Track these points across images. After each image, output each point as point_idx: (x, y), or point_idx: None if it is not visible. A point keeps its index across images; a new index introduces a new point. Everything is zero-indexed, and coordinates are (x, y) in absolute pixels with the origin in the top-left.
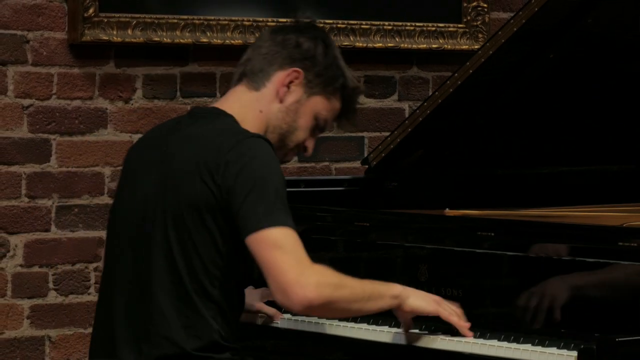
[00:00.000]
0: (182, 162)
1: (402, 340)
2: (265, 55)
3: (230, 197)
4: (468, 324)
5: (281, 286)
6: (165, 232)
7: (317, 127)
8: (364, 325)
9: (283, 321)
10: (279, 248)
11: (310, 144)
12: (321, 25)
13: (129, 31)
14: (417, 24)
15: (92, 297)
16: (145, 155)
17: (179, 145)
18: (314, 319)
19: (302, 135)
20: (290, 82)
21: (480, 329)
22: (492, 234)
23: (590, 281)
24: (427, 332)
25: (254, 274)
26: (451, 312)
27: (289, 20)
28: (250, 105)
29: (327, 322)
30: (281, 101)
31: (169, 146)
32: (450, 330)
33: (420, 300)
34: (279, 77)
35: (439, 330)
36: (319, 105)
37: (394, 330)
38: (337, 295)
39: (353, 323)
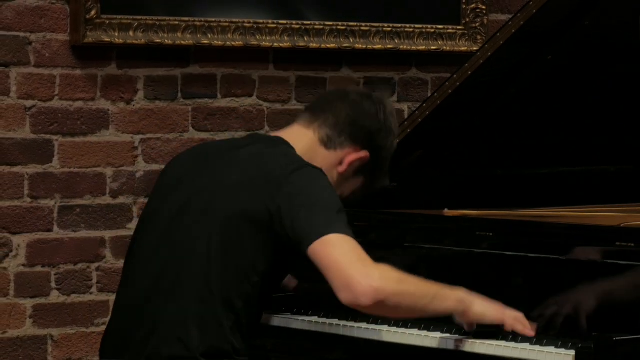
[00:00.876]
0: (241, 174)
1: (400, 339)
2: (351, 124)
3: (285, 215)
4: (533, 333)
5: (344, 281)
6: (208, 237)
7: (349, 197)
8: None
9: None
10: (339, 247)
11: None
12: (321, 27)
13: (131, 33)
14: (417, 25)
15: (94, 296)
16: (195, 163)
17: (237, 159)
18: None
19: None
20: (355, 162)
21: (479, 329)
22: (491, 234)
23: (588, 281)
24: (425, 330)
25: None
26: (515, 321)
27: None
28: (315, 155)
29: (327, 321)
30: (340, 173)
31: (226, 159)
32: (449, 329)
33: (485, 307)
34: (351, 152)
35: (438, 329)
36: (358, 184)
37: (393, 329)
38: (403, 288)
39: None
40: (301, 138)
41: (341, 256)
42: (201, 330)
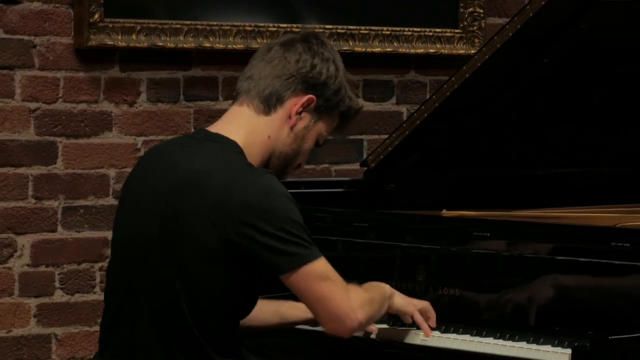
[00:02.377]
0: (190, 204)
1: (395, 337)
2: (278, 77)
3: (250, 241)
4: (428, 331)
5: (335, 317)
6: (170, 271)
7: (316, 145)
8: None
9: None
10: (328, 280)
11: (305, 161)
12: (321, 30)
13: (134, 36)
14: (415, 29)
15: (97, 295)
16: (146, 185)
17: (185, 183)
18: None
19: (304, 158)
20: (303, 109)
21: (477, 327)
22: (488, 235)
23: (584, 280)
24: (414, 328)
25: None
26: (420, 312)
27: (298, 29)
28: (259, 131)
29: None
30: (291, 128)
31: (174, 182)
32: (448, 328)
33: (402, 300)
34: (293, 102)
35: (436, 329)
36: (323, 127)
37: (392, 328)
38: (372, 311)
39: None
40: (240, 120)
41: (330, 290)
42: (186, 354)
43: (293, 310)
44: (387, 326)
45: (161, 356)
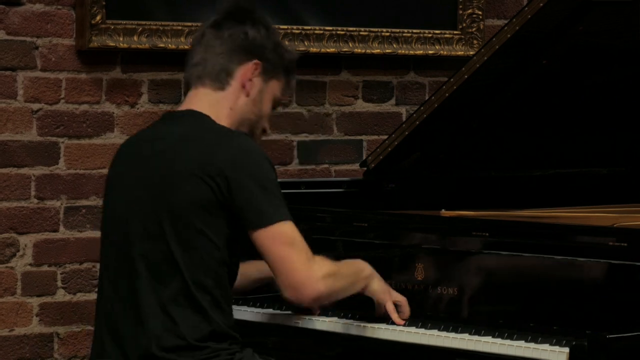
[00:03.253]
0: (175, 163)
1: (398, 337)
2: (220, 55)
3: (233, 192)
4: (401, 321)
5: (294, 283)
6: (162, 231)
7: (274, 108)
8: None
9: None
10: (292, 245)
11: (268, 125)
12: (321, 32)
13: (135, 38)
14: (414, 30)
15: None
16: (136, 161)
17: (167, 147)
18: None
19: (266, 121)
20: (252, 74)
21: (475, 326)
22: (487, 234)
23: (582, 280)
24: (422, 328)
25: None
26: (398, 306)
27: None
28: (220, 105)
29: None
30: (247, 95)
31: (157, 150)
32: (447, 327)
33: (379, 286)
34: (242, 72)
35: (435, 327)
36: (275, 87)
37: (385, 326)
38: (338, 285)
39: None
40: (202, 99)
41: (292, 256)
42: (184, 317)
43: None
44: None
45: (158, 313)
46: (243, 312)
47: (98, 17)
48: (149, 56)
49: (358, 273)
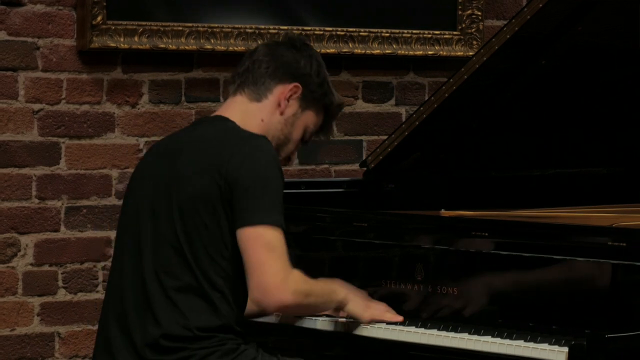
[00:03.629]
0: (189, 160)
1: (398, 336)
2: (266, 70)
3: (233, 188)
4: (398, 317)
5: (263, 287)
6: (172, 225)
7: (304, 139)
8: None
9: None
10: (271, 250)
11: (294, 155)
12: (321, 32)
13: (136, 38)
14: (414, 31)
15: (100, 294)
16: (154, 159)
17: (185, 145)
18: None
19: (293, 146)
20: (290, 96)
21: (475, 326)
22: (486, 234)
23: (581, 279)
24: (422, 327)
25: None
26: (381, 314)
27: (281, 34)
28: (253, 114)
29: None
30: (281, 113)
31: (175, 148)
32: (446, 327)
33: (357, 309)
34: (281, 90)
35: (435, 327)
36: (310, 119)
37: (385, 325)
38: (306, 302)
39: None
40: (235, 106)
41: (269, 260)
42: (191, 309)
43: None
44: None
45: (169, 311)
46: None
47: (99, 18)
48: (150, 57)
49: (330, 294)
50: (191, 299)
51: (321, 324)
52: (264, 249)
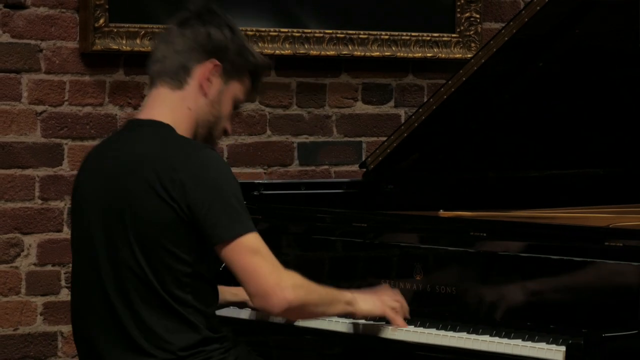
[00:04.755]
0: (137, 182)
1: (397, 335)
2: (180, 52)
3: (193, 210)
4: (404, 324)
5: (262, 291)
6: (131, 251)
7: (235, 109)
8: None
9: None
10: (257, 254)
11: (229, 126)
12: (321, 35)
13: (138, 40)
14: (413, 33)
15: None
16: (92, 178)
17: (129, 164)
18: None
19: (226, 122)
20: (211, 75)
21: (473, 325)
22: (484, 234)
23: (578, 279)
24: (421, 327)
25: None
26: (395, 311)
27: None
28: (179, 106)
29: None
30: (205, 95)
31: (118, 165)
32: (445, 326)
33: (369, 305)
34: (200, 71)
35: (434, 326)
36: (236, 89)
37: (384, 324)
38: (310, 298)
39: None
40: (161, 102)
41: (258, 264)
42: (169, 330)
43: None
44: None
45: (145, 334)
46: (239, 311)
47: (101, 21)
48: None
49: (336, 295)
50: (165, 321)
51: (320, 323)
52: (249, 255)
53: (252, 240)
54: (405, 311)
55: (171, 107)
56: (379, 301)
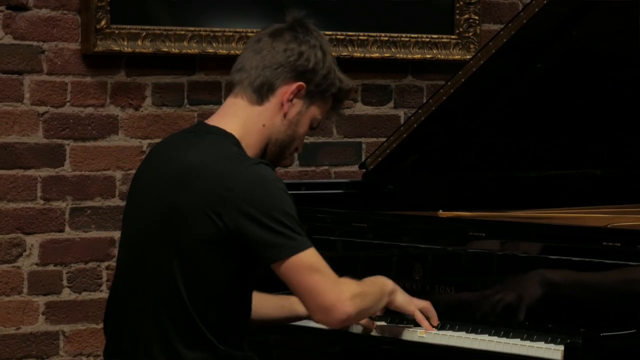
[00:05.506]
0: (187, 196)
1: (395, 334)
2: (268, 67)
3: (242, 229)
4: (429, 326)
5: (323, 308)
6: (169, 263)
7: (311, 129)
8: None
9: None
10: (317, 271)
11: (301, 145)
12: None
13: (139, 42)
14: (412, 35)
15: (104, 294)
16: (149, 180)
17: (182, 175)
18: None
19: (299, 142)
20: (294, 96)
21: (472, 325)
22: (483, 235)
23: (576, 279)
24: (412, 325)
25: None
26: (427, 306)
27: (285, 21)
28: (253, 120)
29: None
30: (285, 115)
31: (175, 170)
32: (444, 325)
33: (404, 299)
34: (284, 91)
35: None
36: (316, 111)
37: (384, 323)
38: (365, 304)
39: None
40: (235, 112)
41: (319, 281)
42: (188, 346)
43: (298, 305)
44: (385, 323)
45: (164, 347)
46: None
47: (103, 22)
48: (153, 60)
49: (382, 289)
50: (188, 342)
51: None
52: (309, 273)
53: (310, 257)
54: (435, 317)
55: (245, 119)
56: (411, 301)
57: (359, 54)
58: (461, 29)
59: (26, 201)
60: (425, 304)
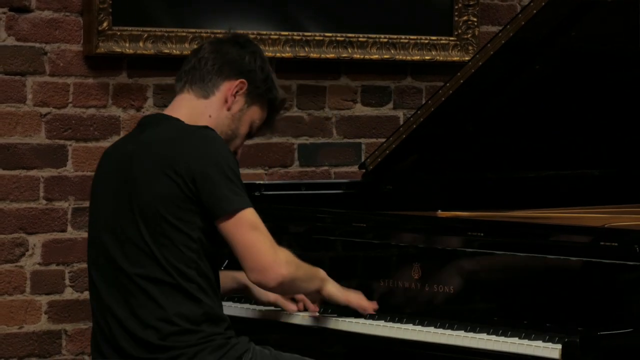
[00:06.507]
0: (142, 164)
1: (396, 334)
2: (212, 67)
3: (198, 183)
4: (370, 310)
5: (259, 266)
6: (137, 228)
7: (249, 134)
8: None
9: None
10: (257, 230)
11: (240, 150)
12: (321, 38)
13: (141, 44)
14: (411, 37)
15: None
16: (109, 169)
17: (136, 151)
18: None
19: (240, 141)
20: (237, 92)
21: (471, 324)
22: (482, 234)
23: (574, 279)
24: (419, 325)
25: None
26: (356, 300)
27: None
28: (200, 111)
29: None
30: (229, 109)
31: (126, 154)
32: (443, 324)
33: (336, 287)
34: (227, 86)
35: (432, 325)
36: (255, 114)
37: (383, 323)
38: (299, 273)
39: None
40: (182, 104)
41: (257, 239)
42: (175, 304)
43: (245, 277)
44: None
45: (147, 303)
46: (227, 308)
47: (105, 24)
48: (154, 62)
49: (315, 272)
50: (170, 294)
51: (320, 321)
52: (249, 230)
53: (252, 216)
54: (367, 305)
55: (192, 110)
56: (344, 290)
57: (358, 56)
58: (460, 31)
59: (29, 201)
60: (356, 301)
